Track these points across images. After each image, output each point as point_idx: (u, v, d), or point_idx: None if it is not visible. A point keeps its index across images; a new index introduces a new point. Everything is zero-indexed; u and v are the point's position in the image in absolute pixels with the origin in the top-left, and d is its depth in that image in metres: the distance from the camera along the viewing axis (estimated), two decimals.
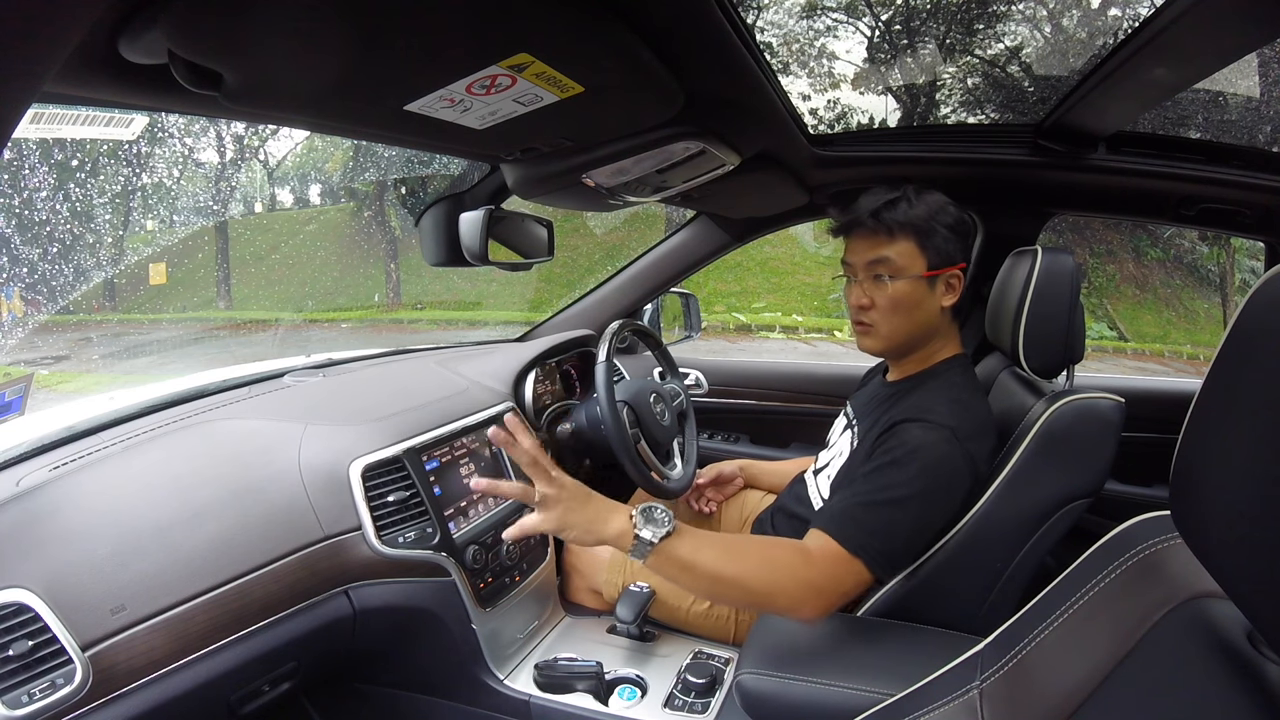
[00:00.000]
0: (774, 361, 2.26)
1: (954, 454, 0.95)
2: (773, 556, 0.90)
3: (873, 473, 0.96)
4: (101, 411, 1.09)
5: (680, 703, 1.07)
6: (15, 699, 0.66)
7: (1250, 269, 8.62)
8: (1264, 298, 0.37)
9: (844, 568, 0.90)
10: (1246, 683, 0.41)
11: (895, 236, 1.04)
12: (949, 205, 1.07)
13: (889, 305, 1.05)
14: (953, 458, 0.95)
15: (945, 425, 0.96)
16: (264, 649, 0.87)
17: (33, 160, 3.50)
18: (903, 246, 1.04)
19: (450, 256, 1.16)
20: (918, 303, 1.06)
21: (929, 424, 0.97)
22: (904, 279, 1.04)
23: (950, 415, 0.98)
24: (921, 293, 1.05)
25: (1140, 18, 0.83)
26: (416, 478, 1.06)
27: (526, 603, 1.23)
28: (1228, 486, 0.39)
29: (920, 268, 1.04)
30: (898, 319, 1.06)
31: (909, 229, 1.04)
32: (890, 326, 1.07)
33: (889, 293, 1.05)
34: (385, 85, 0.60)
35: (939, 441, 0.95)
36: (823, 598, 0.88)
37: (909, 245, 1.04)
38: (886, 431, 1.00)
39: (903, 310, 1.06)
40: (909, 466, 0.94)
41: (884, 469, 0.95)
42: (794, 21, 7.20)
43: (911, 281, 1.04)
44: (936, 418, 0.97)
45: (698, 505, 1.49)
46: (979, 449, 0.99)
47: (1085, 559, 0.59)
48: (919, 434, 0.96)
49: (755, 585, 0.87)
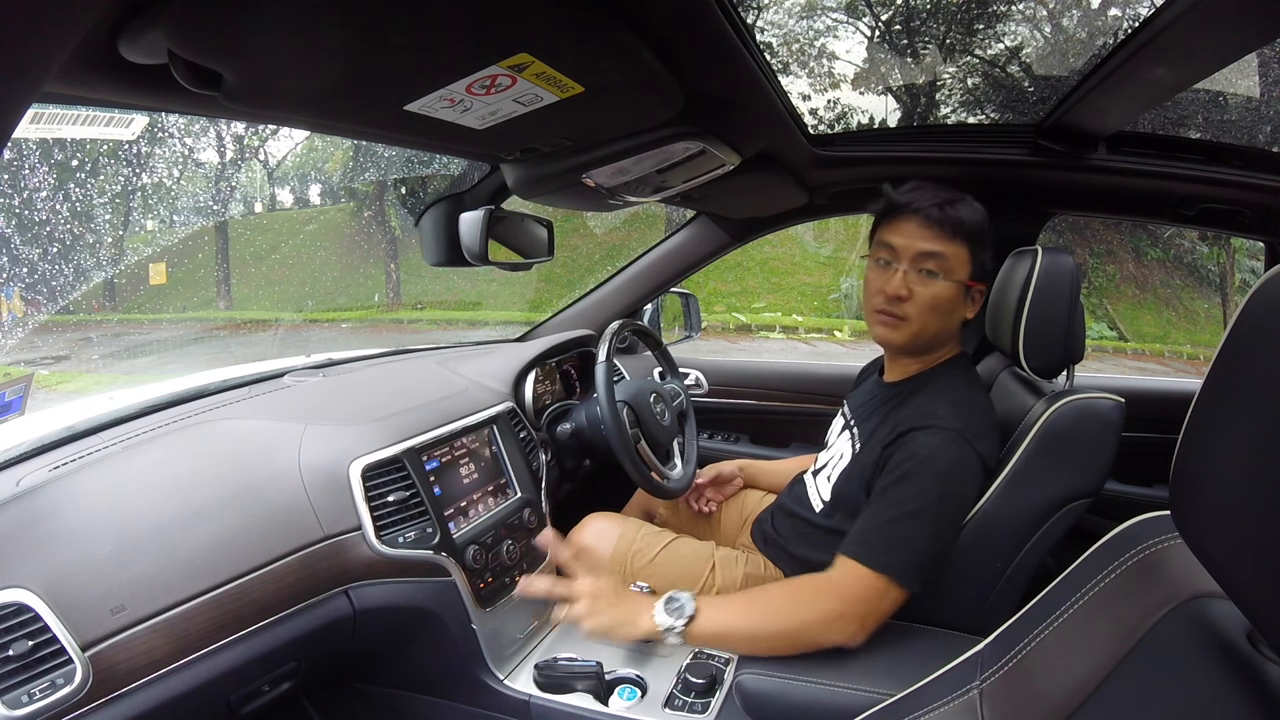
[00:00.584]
0: (774, 361, 2.26)
1: (964, 455, 0.96)
2: (797, 598, 0.95)
3: (888, 489, 0.96)
4: (101, 411, 1.09)
5: (680, 703, 1.07)
6: (15, 699, 0.66)
7: (1250, 269, 8.62)
8: (1264, 298, 0.37)
9: (872, 588, 0.91)
10: (1246, 683, 0.41)
11: (955, 237, 1.03)
12: (991, 225, 1.06)
13: (930, 302, 1.04)
14: (963, 459, 0.96)
15: (951, 428, 0.96)
16: (264, 649, 0.87)
17: (33, 160, 3.49)
18: (957, 248, 1.03)
19: (450, 256, 1.16)
20: (952, 309, 1.05)
21: (935, 429, 0.97)
22: (951, 280, 1.03)
23: (955, 417, 0.98)
24: (958, 299, 1.05)
25: (1140, 18, 0.83)
26: (416, 478, 1.06)
27: (526, 603, 1.22)
28: (1228, 486, 0.39)
29: (965, 274, 1.04)
30: (933, 318, 1.05)
31: (966, 234, 1.03)
32: (923, 323, 1.05)
33: (934, 290, 1.03)
34: (385, 85, 0.60)
35: (947, 445, 0.96)
36: (856, 621, 0.91)
37: (962, 249, 1.04)
38: (894, 442, 1.00)
39: (941, 311, 1.05)
40: (922, 478, 0.94)
41: (898, 484, 0.96)
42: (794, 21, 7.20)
43: (955, 285, 1.04)
44: (942, 422, 0.97)
45: (698, 505, 1.48)
46: (986, 446, 0.99)
47: (1085, 559, 0.59)
48: (926, 441, 0.96)
49: (789, 629, 0.92)
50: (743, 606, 0.95)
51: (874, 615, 0.92)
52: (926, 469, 0.94)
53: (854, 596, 0.91)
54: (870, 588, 0.91)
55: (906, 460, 0.96)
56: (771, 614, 0.93)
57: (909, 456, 0.96)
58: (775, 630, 0.92)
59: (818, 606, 0.92)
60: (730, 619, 0.93)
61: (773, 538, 1.23)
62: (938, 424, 0.97)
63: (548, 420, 1.43)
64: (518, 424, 1.33)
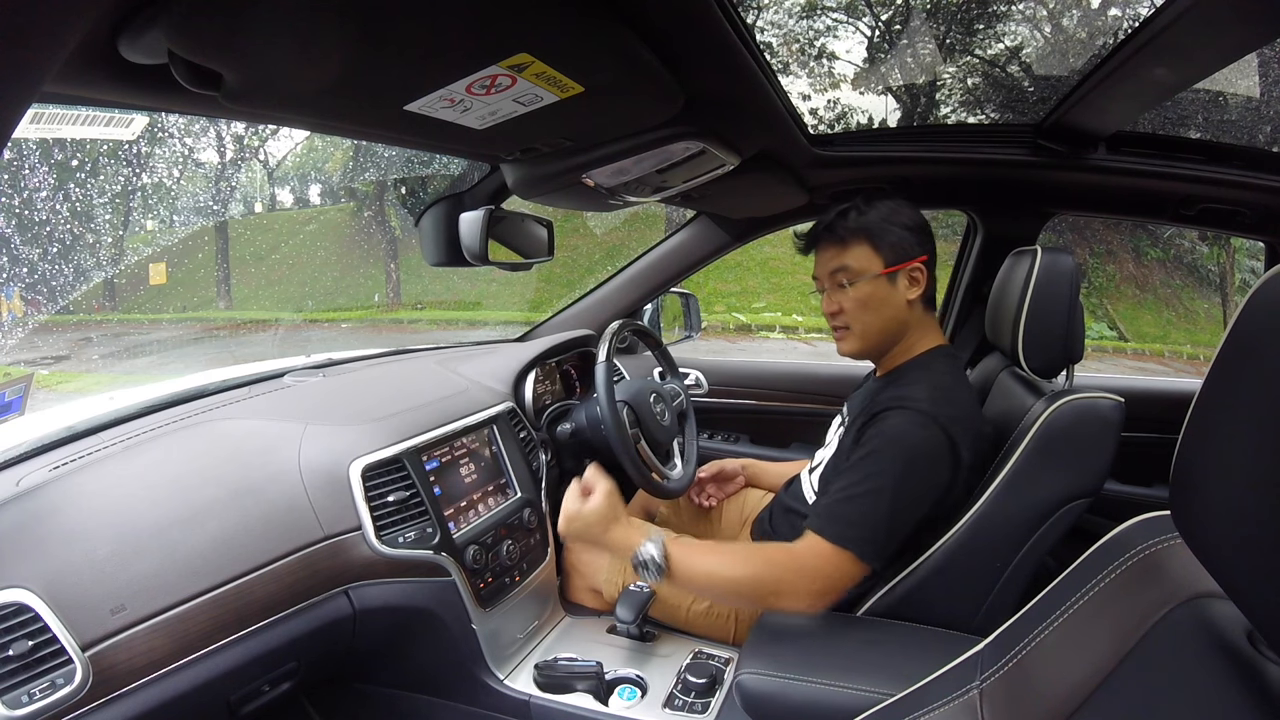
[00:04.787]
0: (774, 361, 2.26)
1: (931, 436, 0.97)
2: (765, 555, 0.98)
3: (854, 465, 0.99)
4: (101, 411, 1.09)
5: (680, 703, 1.07)
6: (15, 699, 0.66)
7: (1250, 269, 8.61)
8: (1264, 298, 0.37)
9: (833, 561, 0.94)
10: (1246, 683, 0.41)
11: (849, 243, 1.10)
12: (903, 206, 1.12)
13: (855, 306, 1.11)
14: (930, 441, 0.97)
15: (921, 410, 0.99)
16: (264, 649, 0.87)
17: (33, 160, 3.49)
18: (858, 251, 1.10)
19: (450, 256, 1.16)
20: (883, 299, 1.10)
21: (905, 410, 0.99)
22: (864, 280, 1.09)
23: (929, 401, 1.00)
24: (884, 290, 1.10)
25: (1140, 18, 0.83)
26: (416, 478, 1.06)
27: (526, 603, 1.23)
28: (1228, 486, 0.39)
29: (878, 267, 1.09)
30: (867, 317, 1.11)
31: (861, 233, 1.10)
32: (861, 325, 1.12)
33: (852, 295, 1.10)
34: (385, 85, 0.60)
35: (914, 426, 0.98)
36: (813, 594, 0.94)
37: (864, 249, 1.09)
38: (869, 422, 1.02)
39: (870, 308, 1.10)
40: (885, 454, 0.97)
41: (863, 460, 0.98)
42: (794, 21, 7.20)
43: (871, 281, 1.09)
44: (914, 404, 1.00)
45: (699, 500, 1.49)
46: (961, 432, 1.00)
47: (1085, 559, 0.58)
48: (895, 420, 0.99)
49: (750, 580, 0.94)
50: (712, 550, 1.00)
51: (833, 589, 0.94)
52: (891, 446, 0.97)
53: (813, 569, 0.94)
54: (828, 561, 0.93)
55: (875, 437, 0.99)
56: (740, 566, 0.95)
57: (877, 434, 0.99)
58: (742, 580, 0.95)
59: (788, 569, 0.95)
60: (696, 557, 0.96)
61: (771, 536, 1.23)
62: (909, 405, 1.00)
63: (548, 420, 1.43)
64: (518, 424, 1.33)
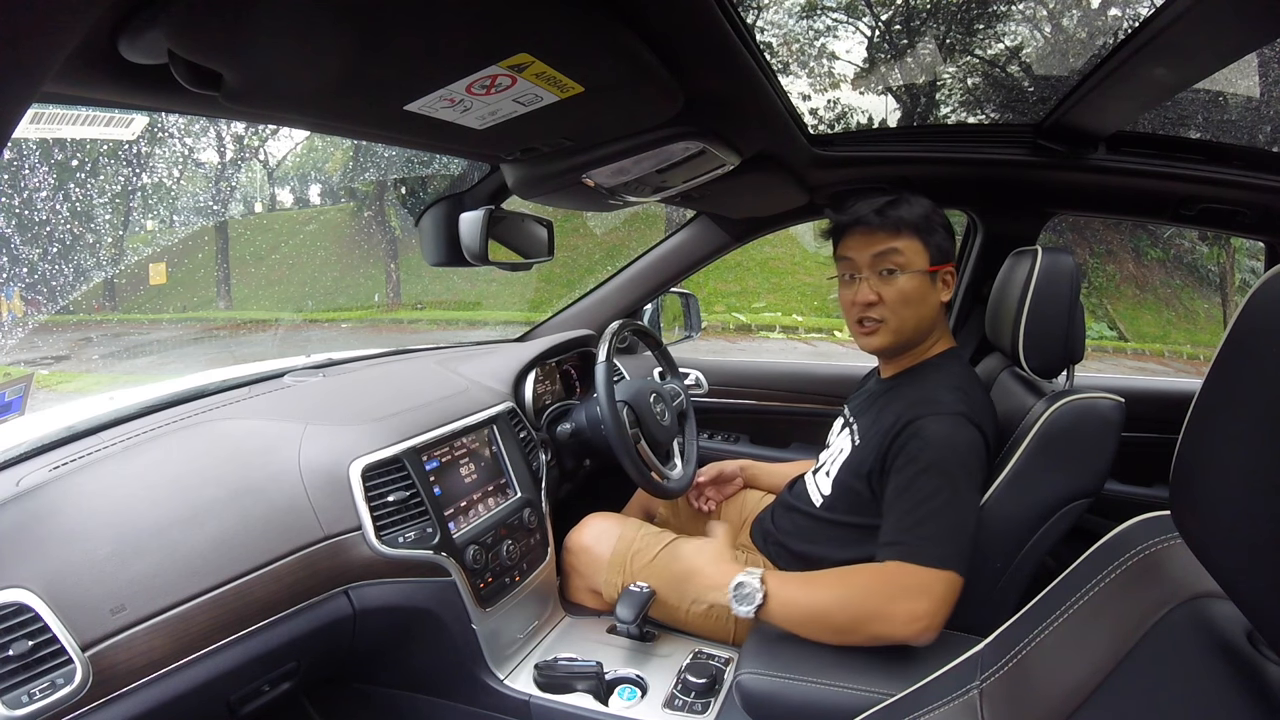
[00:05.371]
0: (774, 361, 2.26)
1: (972, 436, 0.98)
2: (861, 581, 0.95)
3: (913, 483, 0.96)
4: (101, 411, 1.09)
5: (680, 703, 1.07)
6: (15, 699, 0.66)
7: (1250, 269, 8.61)
8: (1264, 298, 0.37)
9: (936, 584, 0.90)
10: (1246, 683, 0.41)
11: (900, 233, 1.07)
12: (937, 208, 1.11)
13: (899, 298, 1.07)
14: (973, 440, 0.98)
15: (957, 412, 0.99)
16: (264, 649, 0.87)
17: (33, 160, 3.49)
18: (908, 242, 1.07)
19: (450, 256, 1.16)
20: (922, 297, 1.08)
21: (941, 415, 0.99)
22: (912, 271, 1.07)
23: (958, 401, 1.01)
24: (925, 287, 1.08)
25: (1140, 18, 0.83)
26: (416, 478, 1.06)
27: (526, 603, 1.22)
28: (1228, 486, 0.39)
29: (924, 263, 1.07)
30: (908, 311, 1.08)
31: (912, 226, 1.07)
32: (899, 319, 1.09)
33: (899, 285, 1.07)
34: (385, 85, 0.60)
35: (956, 429, 0.98)
36: (927, 619, 0.89)
37: (914, 242, 1.07)
38: (903, 431, 1.00)
39: (911, 304, 1.08)
40: (941, 464, 0.95)
41: (922, 475, 0.96)
42: (794, 21, 7.18)
43: (918, 275, 1.07)
44: (946, 407, 0.99)
45: (698, 504, 1.49)
46: (989, 430, 1.02)
47: (1085, 559, 0.58)
48: (935, 428, 0.98)
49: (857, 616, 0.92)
50: (808, 586, 0.97)
51: (942, 611, 0.91)
52: (945, 456, 0.96)
53: (917, 589, 0.90)
54: (929, 585, 0.90)
55: (923, 450, 0.97)
56: (840, 599, 0.93)
57: (924, 446, 0.97)
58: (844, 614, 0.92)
59: (876, 601, 0.91)
60: (799, 596, 0.94)
61: (772, 534, 1.23)
62: (944, 410, 0.99)
63: (548, 420, 1.43)
64: (518, 424, 1.33)
